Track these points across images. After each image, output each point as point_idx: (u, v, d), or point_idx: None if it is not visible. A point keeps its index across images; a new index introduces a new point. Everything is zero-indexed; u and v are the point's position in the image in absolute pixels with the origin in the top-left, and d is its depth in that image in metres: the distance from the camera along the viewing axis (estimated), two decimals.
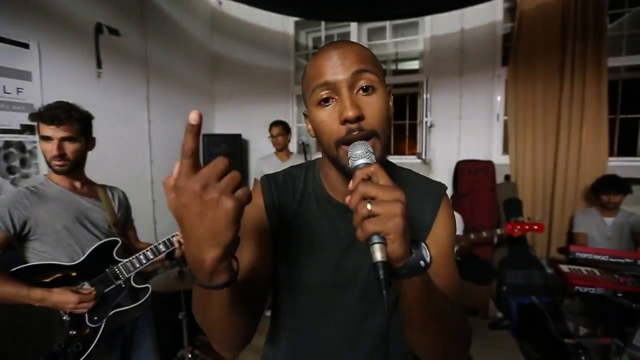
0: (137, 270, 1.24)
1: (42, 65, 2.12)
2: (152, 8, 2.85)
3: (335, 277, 0.62)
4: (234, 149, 3.18)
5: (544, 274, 2.46)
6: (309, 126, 0.61)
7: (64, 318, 1.09)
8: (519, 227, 2.11)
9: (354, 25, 3.17)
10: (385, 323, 0.35)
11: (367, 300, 0.62)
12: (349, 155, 0.49)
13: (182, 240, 1.25)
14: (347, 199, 0.41)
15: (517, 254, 2.54)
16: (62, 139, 1.15)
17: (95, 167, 1.33)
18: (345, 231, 0.62)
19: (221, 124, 3.58)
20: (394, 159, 3.48)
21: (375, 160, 0.47)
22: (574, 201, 2.55)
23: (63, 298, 1.04)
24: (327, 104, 0.54)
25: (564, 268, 2.03)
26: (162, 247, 1.28)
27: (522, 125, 2.67)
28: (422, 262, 0.42)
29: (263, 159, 2.85)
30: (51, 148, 1.14)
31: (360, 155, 0.47)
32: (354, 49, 0.54)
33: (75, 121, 1.18)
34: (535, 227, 2.10)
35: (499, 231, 2.21)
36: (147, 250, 1.26)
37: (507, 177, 2.80)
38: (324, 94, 0.53)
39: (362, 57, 0.54)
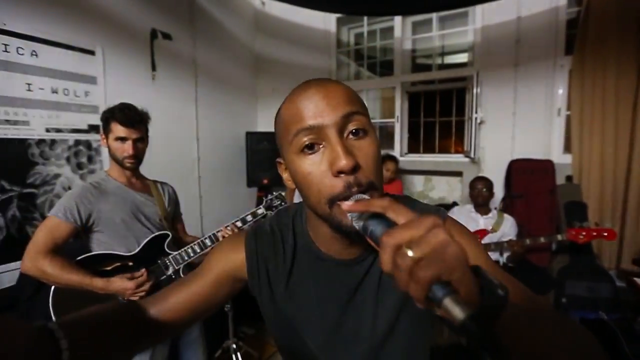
0: (186, 262, 1.30)
1: (106, 70, 2.31)
2: (200, 12, 2.98)
3: (338, 338, 0.57)
4: (276, 146, 3.23)
5: (613, 287, 2.19)
6: (286, 175, 0.53)
7: None
8: (584, 233, 1.90)
9: (397, 19, 3.06)
10: None
11: (377, 354, 0.56)
12: (349, 216, 0.42)
13: (226, 235, 1.29)
14: (384, 261, 0.31)
15: (580, 263, 2.29)
16: (135, 140, 1.25)
17: (149, 164, 1.42)
18: (341, 287, 0.56)
19: (263, 122, 3.67)
20: (438, 158, 3.30)
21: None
22: None
23: (122, 285, 1.12)
24: (311, 151, 0.46)
25: None
26: (207, 242, 1.34)
27: (589, 121, 2.39)
28: (500, 291, 0.31)
29: None
30: (127, 148, 1.23)
31: (358, 216, 0.40)
32: (339, 88, 0.48)
33: (143, 123, 1.28)
34: (605, 234, 1.88)
35: (559, 237, 2.00)
36: (194, 244, 1.32)
37: (569, 178, 2.54)
38: (307, 140, 0.45)
39: (350, 98, 0.47)
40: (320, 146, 0.46)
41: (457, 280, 0.28)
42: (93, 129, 2.25)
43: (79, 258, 1.15)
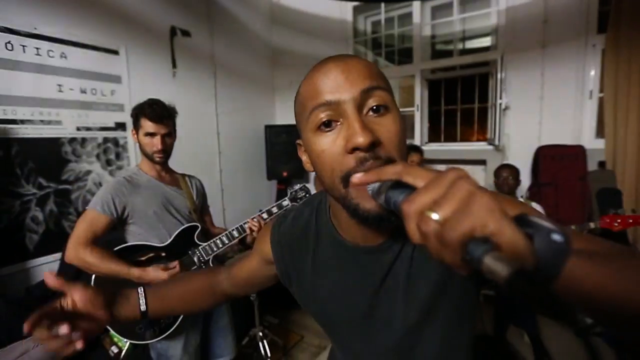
0: (215, 253, 1.33)
1: (130, 69, 2.38)
2: (217, 8, 3.01)
3: (369, 323, 0.55)
4: (294, 139, 3.24)
5: None
6: (305, 157, 0.52)
7: None
8: (619, 220, 1.81)
9: (416, 4, 2.97)
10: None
11: (411, 342, 0.54)
12: (369, 189, 0.38)
13: (253, 227, 1.32)
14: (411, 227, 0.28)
15: None
16: (164, 135, 1.28)
17: (172, 159, 1.45)
18: (368, 276, 0.53)
19: (281, 115, 3.68)
20: (460, 146, 3.21)
21: None
22: None
23: (156, 275, 1.17)
24: (328, 128, 0.43)
25: None
26: (235, 233, 1.37)
27: (624, 103, 2.26)
28: (555, 236, 0.25)
29: None
30: (156, 143, 1.27)
31: (379, 185, 0.36)
32: (360, 62, 0.45)
33: (171, 118, 1.31)
34: None
35: (592, 225, 1.92)
36: (222, 236, 1.36)
37: (601, 164, 2.42)
38: (324, 116, 0.43)
39: (371, 72, 0.44)
40: (338, 123, 0.43)
41: (494, 233, 0.24)
42: (120, 126, 2.34)
43: (116, 248, 1.21)
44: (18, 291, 1.74)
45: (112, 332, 1.18)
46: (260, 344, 1.97)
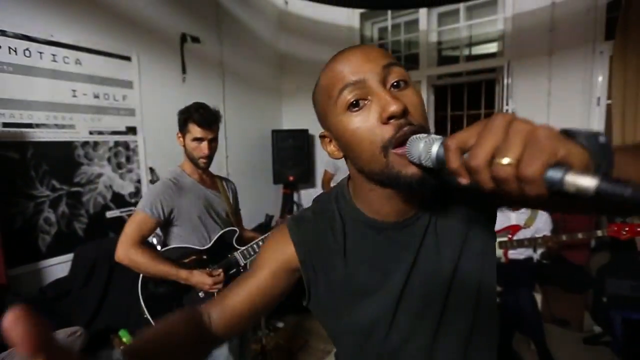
0: (252, 257, 1.35)
1: (141, 74, 2.43)
2: (226, 15, 3.06)
3: (408, 307, 0.54)
4: (301, 144, 3.28)
5: None
6: (331, 147, 0.53)
7: (200, 295, 1.25)
8: (627, 228, 1.80)
9: (422, 11, 3.00)
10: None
11: (449, 292, 0.54)
12: (408, 153, 0.40)
13: None
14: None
15: (622, 260, 2.17)
16: (210, 140, 1.30)
17: (181, 162, 1.47)
18: (404, 251, 0.54)
19: (288, 120, 3.72)
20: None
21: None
22: None
23: (201, 279, 1.19)
24: (356, 108, 0.46)
25: None
26: None
27: (633, 110, 2.25)
28: (601, 139, 0.28)
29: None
30: (203, 148, 1.28)
31: (424, 147, 0.38)
32: (373, 46, 0.49)
33: (217, 123, 1.32)
34: None
35: (599, 233, 1.91)
36: (259, 240, 1.39)
37: None
38: (351, 96, 0.45)
39: (386, 53, 0.48)
40: (366, 102, 0.46)
41: (566, 155, 0.26)
42: (130, 130, 2.39)
43: (163, 249, 1.24)
44: (31, 291, 1.78)
45: (121, 331, 1.21)
46: (266, 347, 1.98)
